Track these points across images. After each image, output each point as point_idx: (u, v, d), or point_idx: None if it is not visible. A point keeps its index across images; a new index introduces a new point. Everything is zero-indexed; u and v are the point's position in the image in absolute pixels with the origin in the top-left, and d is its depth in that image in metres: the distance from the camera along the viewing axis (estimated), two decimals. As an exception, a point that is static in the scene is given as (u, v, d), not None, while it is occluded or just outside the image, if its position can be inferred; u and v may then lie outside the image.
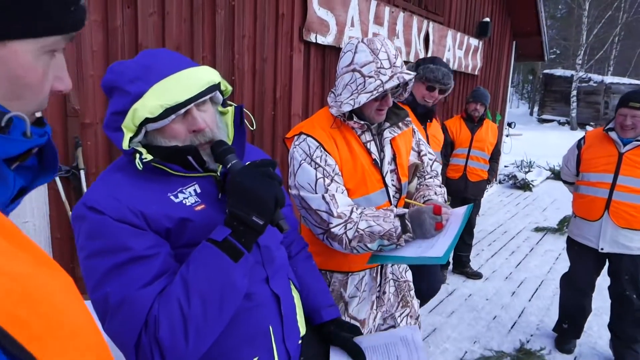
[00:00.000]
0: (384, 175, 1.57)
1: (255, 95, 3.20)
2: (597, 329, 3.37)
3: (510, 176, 8.63)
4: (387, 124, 1.60)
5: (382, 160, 1.58)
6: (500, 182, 8.67)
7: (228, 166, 1.00)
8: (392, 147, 1.62)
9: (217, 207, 1.02)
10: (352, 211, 1.42)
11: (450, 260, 4.27)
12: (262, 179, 0.94)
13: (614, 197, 2.64)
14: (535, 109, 27.73)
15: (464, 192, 4.02)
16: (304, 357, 1.19)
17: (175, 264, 0.95)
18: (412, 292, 1.80)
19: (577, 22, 23.43)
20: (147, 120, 0.92)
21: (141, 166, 0.93)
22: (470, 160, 3.99)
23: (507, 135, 9.30)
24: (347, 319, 1.59)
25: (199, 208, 0.99)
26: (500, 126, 8.20)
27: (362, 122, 1.50)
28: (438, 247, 1.29)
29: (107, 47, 2.27)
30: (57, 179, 2.14)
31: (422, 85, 2.58)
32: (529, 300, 3.88)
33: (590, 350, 3.10)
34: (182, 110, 0.94)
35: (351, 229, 1.40)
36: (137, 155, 0.94)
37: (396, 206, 1.62)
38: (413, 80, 1.56)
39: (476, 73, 6.71)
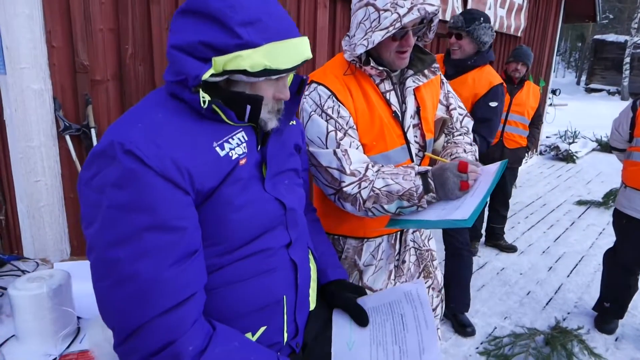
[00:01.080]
0: (406, 130, 1.38)
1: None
2: (643, 309, 3.12)
3: (552, 147, 8.14)
4: (411, 72, 1.40)
5: (403, 113, 1.39)
6: (541, 153, 8.20)
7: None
8: (415, 98, 1.42)
9: (254, 159, 0.96)
10: (367, 168, 1.26)
11: (483, 232, 4.05)
12: None
13: None
14: (583, 77, 26.08)
15: (500, 159, 3.73)
16: (310, 327, 1.11)
17: (199, 240, 0.85)
18: (436, 263, 1.64)
19: (634, -19, 21.55)
20: (241, 72, 0.86)
21: (205, 104, 0.84)
22: (507, 126, 3.67)
23: (550, 105, 8.72)
24: (362, 289, 1.46)
25: (243, 162, 0.91)
26: (544, 93, 7.68)
27: (380, 69, 1.31)
28: (464, 209, 1.12)
29: (116, -2, 2.15)
30: (68, 138, 2.08)
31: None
32: (567, 276, 3.63)
33: (634, 332, 2.86)
34: (275, 77, 0.90)
35: (366, 187, 1.24)
36: (202, 93, 0.85)
37: (419, 165, 1.44)
38: (439, 15, 1.34)
39: (519, 34, 6.22)
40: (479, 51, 2.54)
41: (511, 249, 4.01)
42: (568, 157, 7.85)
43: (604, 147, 8.89)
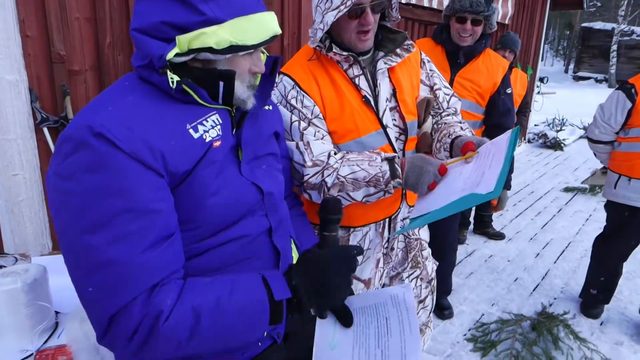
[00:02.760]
0: (381, 114, 1.35)
1: (260, 44, 2.99)
2: (627, 293, 3.16)
3: (540, 135, 8.19)
4: (381, 53, 1.36)
5: (377, 96, 1.36)
6: (529, 141, 8.25)
7: (330, 234, 1.04)
8: (390, 80, 1.38)
9: (229, 143, 0.94)
10: (329, 156, 1.25)
11: (471, 220, 4.07)
12: (347, 277, 0.95)
13: None
14: (571, 66, 26.24)
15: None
16: (290, 319, 1.08)
17: (175, 224, 0.83)
18: (425, 253, 1.62)
19: (621, -31, 21.62)
20: (206, 50, 0.84)
21: (173, 84, 0.82)
22: (494, 113, 3.67)
23: (538, 93, 8.76)
24: (350, 280, 1.45)
25: (217, 144, 0.89)
26: (531, 81, 7.70)
27: (344, 54, 1.27)
28: (486, 182, 1.08)
29: (92, -14, 2.09)
30: (46, 130, 2.03)
31: (454, 21, 2.25)
32: (554, 262, 3.67)
33: (618, 316, 2.90)
34: (242, 53, 0.88)
35: (329, 175, 1.23)
36: (170, 74, 0.82)
37: (403, 149, 1.42)
38: None
39: (506, 22, 6.21)
40: (483, 34, 2.38)
41: (499, 236, 4.04)
42: (556, 145, 7.90)
43: (591, 134, 8.95)
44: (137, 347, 0.77)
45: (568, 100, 13.66)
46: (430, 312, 1.70)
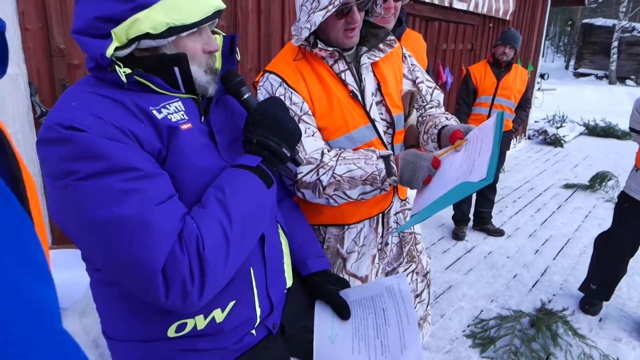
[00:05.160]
0: (368, 108, 1.35)
1: (260, 39, 2.98)
2: (627, 289, 3.16)
3: (540, 131, 8.17)
4: (364, 48, 1.36)
5: (362, 91, 1.36)
6: (529, 138, 8.24)
7: (244, 98, 1.01)
8: (374, 74, 1.39)
9: (202, 130, 0.94)
10: (322, 154, 1.24)
11: (471, 216, 4.07)
12: (287, 111, 0.99)
13: None
14: (572, 62, 26.17)
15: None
16: (289, 308, 1.11)
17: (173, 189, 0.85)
18: (420, 247, 1.63)
19: (623, -35, 21.52)
20: (145, 36, 0.82)
21: (125, 78, 0.82)
22: (494, 109, 3.65)
23: (539, 89, 8.74)
24: (346, 277, 1.45)
25: (185, 127, 0.88)
26: (532, 77, 7.68)
27: (330, 49, 1.27)
28: (477, 170, 1.08)
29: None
30: (45, 124, 2.03)
31: None
32: (554, 258, 3.67)
33: (617, 312, 2.91)
34: (185, 33, 0.86)
35: (325, 173, 1.22)
36: (118, 69, 0.81)
37: (392, 142, 1.43)
38: None
39: (507, 18, 6.18)
40: None
41: (498, 232, 4.04)
42: (556, 141, 7.89)
43: (591, 131, 8.95)
44: (201, 283, 0.79)
45: (568, 97, 13.63)
46: (427, 306, 1.70)
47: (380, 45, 1.40)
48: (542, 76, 8.35)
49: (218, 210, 0.83)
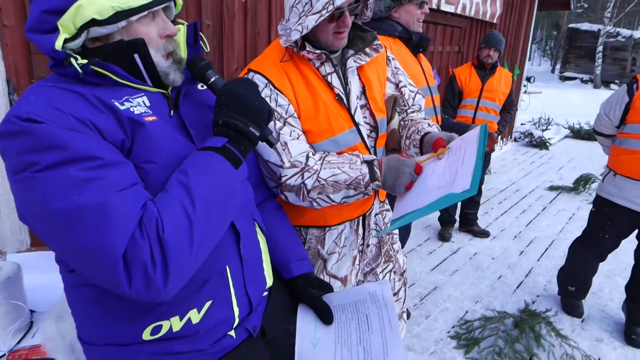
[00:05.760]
0: (353, 112, 1.35)
1: (247, 38, 2.95)
2: (608, 290, 3.20)
3: (526, 134, 8.27)
4: (351, 51, 1.36)
5: (348, 94, 1.35)
6: (515, 140, 8.33)
7: (210, 81, 0.98)
8: (360, 78, 1.38)
9: (170, 124, 0.92)
10: (307, 157, 1.23)
11: (457, 217, 4.09)
12: (255, 90, 0.95)
13: None
14: (558, 66, 26.56)
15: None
16: (270, 310, 1.08)
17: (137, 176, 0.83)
18: (396, 246, 1.64)
19: (608, -29, 21.93)
20: (93, 23, 0.79)
21: (80, 69, 0.80)
22: (479, 112, 3.68)
23: (525, 92, 8.84)
24: (326, 278, 1.44)
25: (149, 119, 0.86)
26: (519, 81, 7.76)
27: (317, 52, 1.26)
28: (461, 180, 1.09)
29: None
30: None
31: (412, 7, 2.11)
32: (538, 260, 3.71)
33: (599, 313, 2.95)
34: (135, 17, 0.84)
35: (310, 177, 1.22)
36: (73, 60, 0.79)
37: (374, 146, 1.42)
38: None
39: (495, 21, 6.24)
40: None
41: (484, 234, 4.07)
42: (541, 144, 7.99)
43: (576, 134, 9.07)
44: (163, 268, 0.76)
45: (554, 100, 13.83)
46: (403, 304, 1.72)
47: (367, 49, 1.39)
48: (528, 79, 8.45)
49: (180, 193, 0.80)
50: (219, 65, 2.83)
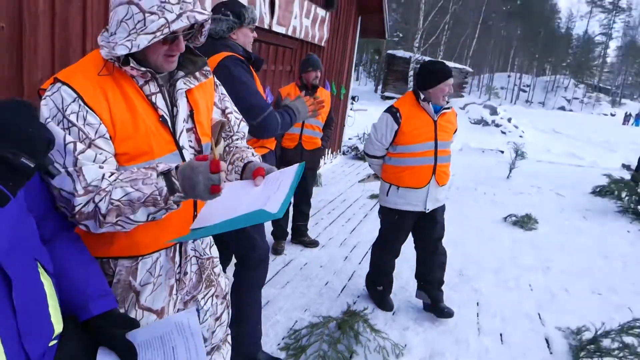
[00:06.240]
0: (178, 135, 1.33)
1: (55, 48, 2.63)
2: (413, 283, 3.73)
3: (352, 148, 9.17)
4: (181, 73, 1.36)
5: (175, 116, 1.33)
6: (344, 154, 9.16)
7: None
8: (188, 101, 1.38)
9: None
10: (102, 179, 1.15)
11: (289, 230, 4.31)
12: (29, 114, 0.86)
13: (437, 161, 2.97)
14: (380, 86, 30.17)
15: (300, 161, 4.03)
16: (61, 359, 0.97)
17: None
18: (217, 269, 1.65)
19: (416, 8, 25.90)
20: None
21: None
22: (305, 129, 4.02)
23: (351, 109, 9.82)
24: (139, 312, 1.37)
25: None
26: (345, 100, 8.58)
27: (143, 69, 1.22)
28: (272, 203, 1.16)
29: None
30: None
31: (247, 30, 2.33)
32: (359, 263, 4.13)
33: (406, 304, 3.43)
34: None
35: (102, 200, 1.13)
36: None
37: None
38: (209, 21, 1.36)
39: (322, 44, 6.80)
40: None
41: (314, 244, 4.37)
42: (365, 157, 8.94)
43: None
44: None
45: (377, 117, 15.58)
46: (226, 327, 1.74)
47: (197, 74, 1.39)
48: (353, 98, 9.41)
49: None
50: (18, 74, 2.46)
